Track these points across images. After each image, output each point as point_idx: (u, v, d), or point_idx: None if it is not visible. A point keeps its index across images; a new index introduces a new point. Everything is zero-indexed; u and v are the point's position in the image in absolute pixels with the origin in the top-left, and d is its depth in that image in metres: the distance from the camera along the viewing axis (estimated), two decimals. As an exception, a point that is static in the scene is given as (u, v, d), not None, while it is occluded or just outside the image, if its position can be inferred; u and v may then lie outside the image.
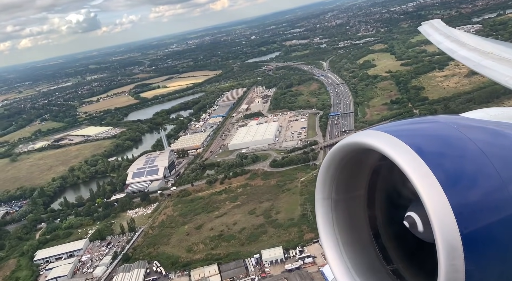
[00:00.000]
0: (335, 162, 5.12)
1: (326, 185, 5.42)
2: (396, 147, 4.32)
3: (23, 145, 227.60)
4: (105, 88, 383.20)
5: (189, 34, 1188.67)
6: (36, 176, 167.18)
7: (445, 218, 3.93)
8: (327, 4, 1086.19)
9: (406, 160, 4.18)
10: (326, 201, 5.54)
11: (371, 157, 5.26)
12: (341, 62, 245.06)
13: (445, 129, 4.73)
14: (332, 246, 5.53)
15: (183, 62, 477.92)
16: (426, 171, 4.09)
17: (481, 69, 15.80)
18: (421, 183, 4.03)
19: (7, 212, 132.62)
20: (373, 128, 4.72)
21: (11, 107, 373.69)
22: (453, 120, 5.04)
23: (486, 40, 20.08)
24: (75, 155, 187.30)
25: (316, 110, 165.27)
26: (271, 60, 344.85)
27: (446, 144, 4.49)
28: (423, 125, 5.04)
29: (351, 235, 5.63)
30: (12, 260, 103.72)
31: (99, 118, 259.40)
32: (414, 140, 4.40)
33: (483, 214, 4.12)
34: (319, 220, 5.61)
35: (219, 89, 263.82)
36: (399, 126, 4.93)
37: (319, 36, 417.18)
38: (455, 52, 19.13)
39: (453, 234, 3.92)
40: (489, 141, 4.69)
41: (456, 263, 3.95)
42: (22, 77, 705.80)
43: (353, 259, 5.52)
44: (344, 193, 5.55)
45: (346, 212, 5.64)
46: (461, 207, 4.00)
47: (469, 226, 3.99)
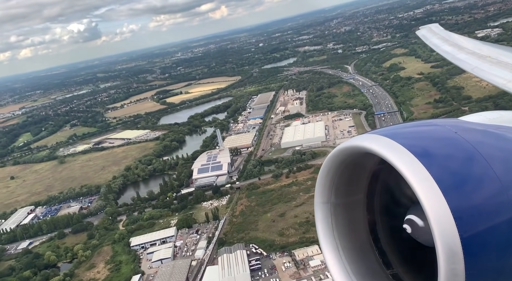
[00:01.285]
0: (334, 166, 5.17)
1: (325, 189, 5.44)
2: (395, 151, 4.33)
3: (63, 148, 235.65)
4: (125, 95, 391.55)
5: (190, 43, 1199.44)
6: (92, 176, 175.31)
7: (445, 222, 3.90)
8: (326, 12, 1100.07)
9: (405, 164, 4.18)
10: (325, 205, 5.54)
11: (370, 161, 5.33)
12: (366, 66, 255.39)
13: (444, 133, 4.79)
14: (332, 251, 5.53)
15: (196, 69, 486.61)
16: (425, 174, 4.08)
17: (479, 72, 16.05)
18: (420, 187, 4.02)
19: (81, 207, 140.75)
20: (372, 132, 4.85)
21: (32, 114, 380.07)
22: (451, 123, 5.13)
23: (483, 44, 20.44)
24: (123, 156, 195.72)
25: (357, 110, 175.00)
26: (290, 66, 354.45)
27: (445, 147, 4.50)
28: (422, 129, 5.13)
29: (350, 239, 5.65)
30: (106, 247, 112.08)
31: (132, 122, 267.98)
32: (413, 143, 4.42)
33: (482, 218, 4.10)
34: (318, 224, 5.61)
35: (248, 93, 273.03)
36: (398, 129, 5.00)
37: (332, 42, 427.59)
38: (453, 56, 19.48)
39: (452, 238, 3.89)
40: (488, 145, 4.73)
41: (456, 267, 3.92)
42: (29, 86, 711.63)
43: (352, 263, 5.52)
44: (343, 197, 5.57)
45: (346, 216, 5.65)
46: (460, 211, 3.97)
47: (468, 230, 3.96)
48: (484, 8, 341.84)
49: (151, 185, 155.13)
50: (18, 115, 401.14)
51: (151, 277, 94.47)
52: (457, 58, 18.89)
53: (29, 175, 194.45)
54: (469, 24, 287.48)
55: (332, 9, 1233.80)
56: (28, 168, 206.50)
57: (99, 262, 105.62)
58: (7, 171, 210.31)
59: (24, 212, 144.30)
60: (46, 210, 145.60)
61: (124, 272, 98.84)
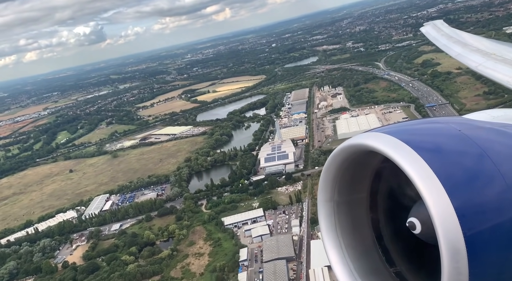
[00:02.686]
0: (337, 164, 5.20)
1: (328, 187, 5.47)
2: (398, 149, 4.33)
3: (110, 144, 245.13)
4: (151, 95, 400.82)
5: (196, 45, 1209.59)
6: (152, 167, 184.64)
7: (448, 220, 3.89)
8: (331, 13, 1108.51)
9: (408, 162, 4.17)
10: (329, 203, 5.57)
11: (373, 159, 5.35)
12: (397, 63, 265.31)
13: (448, 131, 4.81)
14: (335, 248, 5.57)
15: (215, 69, 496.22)
16: (429, 173, 4.07)
17: (484, 69, 15.83)
18: (424, 185, 4.01)
19: (157, 194, 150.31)
20: (375, 130, 4.87)
21: (61, 114, 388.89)
22: (455, 121, 5.23)
23: (488, 41, 20.29)
24: (175, 149, 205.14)
25: (405, 103, 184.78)
26: (313, 64, 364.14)
27: (449, 146, 4.51)
28: (425, 127, 5.21)
29: (353, 237, 5.69)
30: (197, 227, 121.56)
31: (170, 120, 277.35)
32: (417, 141, 4.43)
33: (486, 216, 4.08)
34: (321, 222, 5.65)
35: (281, 90, 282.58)
36: (401, 127, 5.04)
37: (350, 41, 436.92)
38: (458, 53, 19.28)
39: (456, 237, 3.88)
40: (492, 143, 4.73)
41: (460, 266, 3.90)
42: (41, 89, 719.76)
43: (356, 261, 5.54)
44: (346, 195, 5.59)
45: (349, 214, 5.68)
46: (464, 209, 3.96)
47: (472, 229, 3.94)
48: (503, 6, 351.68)
49: (212, 174, 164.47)
50: (45, 115, 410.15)
51: (256, 251, 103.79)
52: (461, 55, 18.73)
53: (86, 168, 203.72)
54: (493, 21, 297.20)
55: (336, 10, 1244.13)
56: (82, 162, 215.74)
57: (197, 240, 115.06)
58: (61, 165, 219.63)
59: (101, 200, 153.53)
60: (121, 198, 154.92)
61: (226, 247, 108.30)
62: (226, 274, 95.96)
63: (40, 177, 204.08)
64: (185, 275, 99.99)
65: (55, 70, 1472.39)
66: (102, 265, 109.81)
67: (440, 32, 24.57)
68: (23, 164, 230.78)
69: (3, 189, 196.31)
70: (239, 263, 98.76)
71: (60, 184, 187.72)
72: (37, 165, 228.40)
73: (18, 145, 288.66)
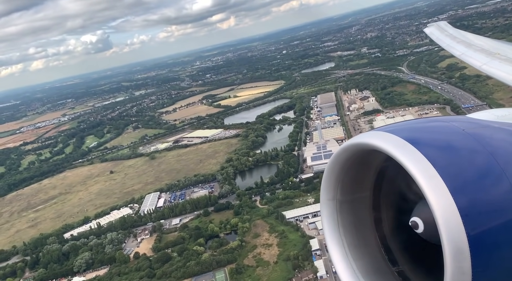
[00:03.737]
0: (340, 163, 5.22)
1: (331, 186, 5.50)
2: (401, 148, 4.33)
3: (143, 147, 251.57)
4: (171, 100, 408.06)
5: (201, 52, 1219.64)
6: (194, 167, 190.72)
7: (452, 220, 3.88)
8: (336, 21, 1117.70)
9: (412, 161, 4.17)
10: (331, 202, 5.59)
11: (376, 158, 5.38)
12: (420, 67, 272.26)
13: (452, 130, 4.80)
14: (338, 248, 5.61)
15: (229, 76, 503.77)
16: (432, 172, 4.07)
17: (488, 69, 15.81)
18: (427, 184, 4.01)
19: (209, 192, 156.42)
20: (378, 129, 4.90)
21: (83, 119, 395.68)
22: (459, 121, 5.20)
23: (492, 41, 20.22)
24: (212, 151, 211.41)
25: (439, 105, 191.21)
26: (332, 69, 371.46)
27: (452, 145, 4.50)
28: (429, 126, 5.17)
29: (356, 236, 5.72)
30: (258, 220, 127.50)
31: (198, 123, 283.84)
32: (420, 141, 4.43)
33: (489, 216, 4.06)
34: (324, 221, 5.71)
35: (306, 94, 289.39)
36: (405, 127, 5.01)
37: (364, 47, 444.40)
38: (462, 53, 19.19)
39: (459, 236, 3.86)
40: (496, 143, 4.73)
41: (463, 265, 3.89)
42: (54, 96, 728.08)
43: (358, 260, 5.57)
44: (349, 194, 5.62)
45: (351, 213, 5.71)
46: (467, 209, 3.94)
47: (475, 228, 3.93)
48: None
49: (255, 173, 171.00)
50: (65, 121, 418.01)
51: (324, 241, 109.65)
52: (466, 55, 18.55)
53: (126, 170, 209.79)
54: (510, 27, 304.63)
55: (340, 17, 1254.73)
56: (120, 164, 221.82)
57: (260, 232, 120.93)
58: (99, 167, 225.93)
59: (154, 197, 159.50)
60: (172, 195, 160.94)
61: (293, 238, 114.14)
62: (301, 262, 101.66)
63: (81, 178, 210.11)
64: (259, 263, 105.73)
65: (61, 78, 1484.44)
66: (173, 256, 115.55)
67: (444, 33, 24.50)
68: (60, 166, 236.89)
69: (48, 190, 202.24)
70: (311, 252, 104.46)
71: (105, 184, 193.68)
72: (74, 167, 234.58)
73: (48, 149, 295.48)
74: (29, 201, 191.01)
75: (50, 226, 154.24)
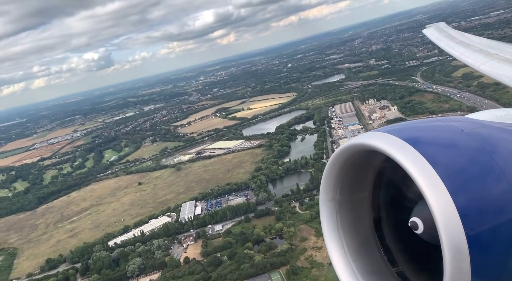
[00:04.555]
0: (339, 164, 5.24)
1: (331, 187, 5.52)
2: (401, 149, 4.35)
3: (165, 159, 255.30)
4: (184, 114, 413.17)
5: (203, 68, 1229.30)
6: (223, 177, 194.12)
7: (451, 220, 3.90)
8: (336, 34, 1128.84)
9: (411, 162, 4.19)
10: (331, 203, 5.61)
11: (375, 158, 5.39)
12: (434, 77, 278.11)
13: (451, 131, 4.83)
14: (337, 248, 5.63)
15: (237, 89, 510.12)
16: (432, 172, 4.08)
17: (486, 70, 15.98)
18: (426, 184, 4.02)
19: (246, 199, 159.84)
20: (377, 130, 4.93)
21: (96, 135, 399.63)
22: (458, 121, 5.20)
23: (490, 42, 20.33)
24: (238, 161, 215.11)
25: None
26: (343, 80, 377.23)
27: (451, 145, 4.53)
28: (428, 127, 5.18)
29: (355, 237, 5.73)
30: (302, 225, 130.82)
31: (217, 135, 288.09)
32: (419, 141, 4.45)
33: (488, 216, 4.08)
34: (323, 222, 5.72)
35: (323, 105, 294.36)
36: (404, 127, 5.03)
37: (372, 59, 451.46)
38: (461, 54, 19.25)
39: (458, 236, 3.87)
40: (495, 143, 4.75)
41: (462, 265, 3.91)
42: (60, 113, 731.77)
43: (358, 261, 5.58)
44: (348, 194, 5.63)
45: (351, 214, 5.72)
46: (466, 209, 3.96)
47: (474, 228, 3.94)
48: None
49: (286, 181, 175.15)
50: (78, 136, 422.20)
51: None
52: (464, 56, 18.55)
53: (154, 181, 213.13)
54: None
55: (340, 31, 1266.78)
56: (146, 176, 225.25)
57: (307, 236, 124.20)
58: (125, 179, 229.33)
59: (190, 206, 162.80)
60: (208, 203, 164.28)
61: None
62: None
63: (110, 190, 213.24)
64: (313, 265, 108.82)
65: (63, 96, 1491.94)
66: (224, 259, 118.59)
67: (443, 34, 24.54)
68: (85, 179, 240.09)
69: (78, 202, 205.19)
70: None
71: (135, 195, 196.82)
72: (100, 180, 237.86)
73: (68, 164, 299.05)
74: (62, 213, 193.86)
75: (90, 236, 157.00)
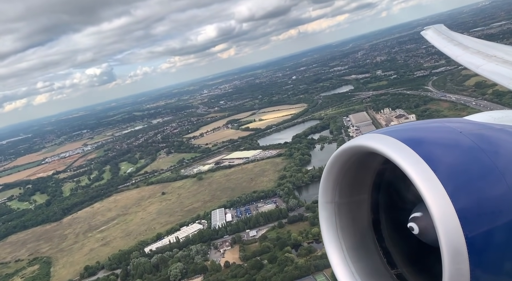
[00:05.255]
0: (338, 165, 5.24)
1: (329, 189, 5.52)
2: (399, 151, 4.36)
3: (184, 169, 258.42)
4: (194, 126, 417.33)
5: (204, 81, 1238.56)
6: (247, 185, 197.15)
7: (450, 222, 3.90)
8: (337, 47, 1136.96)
9: (410, 164, 4.20)
10: (330, 205, 5.60)
11: (374, 160, 5.39)
12: (446, 86, 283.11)
13: (450, 133, 4.85)
14: (336, 250, 5.65)
15: (244, 101, 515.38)
16: (430, 174, 4.10)
17: (484, 72, 15.99)
18: (425, 186, 4.03)
19: (276, 205, 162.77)
20: (376, 131, 4.93)
21: (107, 148, 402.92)
22: (457, 123, 5.20)
23: (489, 44, 20.32)
24: (260, 169, 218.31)
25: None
26: (353, 91, 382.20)
27: (450, 147, 4.55)
28: (427, 129, 5.17)
29: (354, 239, 5.73)
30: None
31: (233, 146, 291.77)
32: (418, 143, 4.47)
33: (487, 218, 4.10)
34: (322, 224, 5.70)
35: (338, 114, 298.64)
36: (403, 129, 5.04)
37: (378, 70, 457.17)
38: (459, 56, 19.37)
39: (457, 238, 3.89)
40: (494, 145, 4.78)
41: (461, 267, 3.92)
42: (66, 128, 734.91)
43: (357, 263, 5.60)
44: (347, 196, 5.62)
45: (350, 215, 5.70)
46: (465, 211, 3.98)
47: (473, 230, 3.95)
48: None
49: (311, 188, 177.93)
50: (89, 150, 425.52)
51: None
52: (462, 58, 18.63)
53: (178, 190, 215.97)
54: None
55: (340, 44, 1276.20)
56: (168, 186, 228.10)
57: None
58: (147, 189, 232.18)
59: (220, 213, 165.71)
60: (237, 211, 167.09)
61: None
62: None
63: (133, 200, 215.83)
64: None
65: (65, 111, 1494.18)
66: (265, 263, 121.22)
67: (441, 35, 24.61)
68: (106, 191, 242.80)
69: (104, 212, 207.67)
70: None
71: (161, 204, 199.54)
72: (121, 191, 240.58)
73: (84, 176, 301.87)
74: (89, 223, 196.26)
75: (123, 244, 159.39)
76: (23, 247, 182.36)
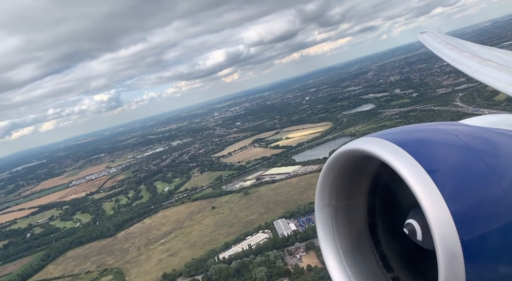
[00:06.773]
0: (335, 169, 5.27)
1: (326, 192, 5.59)
2: (395, 154, 4.37)
3: (225, 186, 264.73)
4: (220, 146, 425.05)
5: (211, 105, 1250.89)
6: (298, 198, 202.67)
7: (445, 226, 3.90)
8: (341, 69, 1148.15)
9: (405, 167, 4.21)
10: (326, 208, 5.64)
11: (371, 163, 5.42)
12: (475, 101, 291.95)
13: (445, 136, 4.85)
14: (332, 254, 5.60)
15: (262, 122, 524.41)
16: (426, 178, 4.10)
17: (480, 76, 15.94)
18: (421, 190, 4.04)
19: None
20: (372, 135, 4.96)
21: (135, 169, 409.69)
22: (453, 126, 5.26)
23: (484, 48, 20.61)
24: (306, 183, 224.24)
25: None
26: (376, 109, 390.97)
27: (446, 151, 4.57)
28: (423, 132, 5.22)
29: (351, 242, 5.71)
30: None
31: (268, 163, 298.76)
32: (414, 146, 4.47)
33: (483, 221, 4.12)
34: (319, 228, 5.69)
35: (371, 130, 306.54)
36: (399, 132, 5.07)
37: (397, 88, 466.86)
38: (454, 60, 19.32)
39: (453, 242, 3.89)
40: (489, 149, 4.81)
41: (457, 271, 3.92)
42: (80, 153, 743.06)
43: (353, 267, 5.56)
44: (344, 200, 5.64)
45: (346, 219, 5.70)
46: (461, 215, 3.99)
47: (469, 234, 3.96)
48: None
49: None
50: (115, 172, 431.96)
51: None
52: (457, 62, 18.79)
53: (227, 205, 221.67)
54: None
55: (345, 66, 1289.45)
56: (214, 201, 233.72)
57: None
58: (193, 205, 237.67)
59: (284, 223, 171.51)
60: (299, 221, 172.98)
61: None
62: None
63: (184, 215, 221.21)
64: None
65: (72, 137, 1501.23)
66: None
67: (436, 39, 24.84)
68: (153, 208, 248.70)
69: (158, 226, 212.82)
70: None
71: (215, 217, 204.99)
72: (166, 208, 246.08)
73: (121, 196, 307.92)
74: (147, 237, 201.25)
75: (191, 254, 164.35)
76: (87, 261, 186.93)
